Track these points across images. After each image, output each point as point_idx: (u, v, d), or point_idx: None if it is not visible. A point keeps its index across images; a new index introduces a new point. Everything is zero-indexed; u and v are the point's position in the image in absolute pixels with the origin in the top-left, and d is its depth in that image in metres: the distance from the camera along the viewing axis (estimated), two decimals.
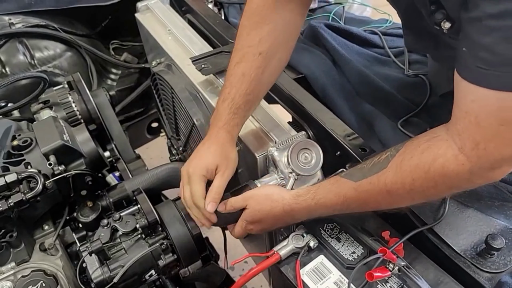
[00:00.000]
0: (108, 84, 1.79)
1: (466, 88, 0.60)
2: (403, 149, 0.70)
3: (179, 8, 1.59)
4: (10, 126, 1.05)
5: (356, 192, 0.74)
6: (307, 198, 0.81)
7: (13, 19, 1.52)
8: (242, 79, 0.90)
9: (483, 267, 0.77)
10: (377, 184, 0.71)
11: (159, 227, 0.97)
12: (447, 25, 0.69)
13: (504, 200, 0.88)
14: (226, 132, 0.90)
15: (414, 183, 0.67)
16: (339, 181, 0.78)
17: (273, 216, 0.85)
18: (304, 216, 0.84)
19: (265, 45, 0.90)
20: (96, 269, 0.89)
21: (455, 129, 0.63)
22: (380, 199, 0.73)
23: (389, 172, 0.70)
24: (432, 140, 0.67)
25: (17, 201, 0.86)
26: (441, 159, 0.64)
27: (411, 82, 1.27)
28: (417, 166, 0.66)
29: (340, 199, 0.77)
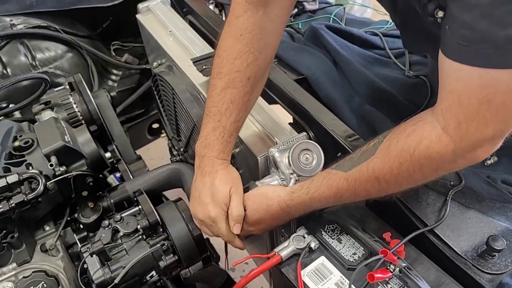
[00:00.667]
0: (109, 85, 1.79)
1: (450, 66, 0.60)
2: (390, 135, 0.71)
3: (180, 9, 1.59)
4: (12, 127, 1.05)
5: (347, 182, 0.75)
6: (301, 194, 0.82)
7: (14, 20, 1.52)
8: (231, 107, 0.89)
9: (484, 268, 0.77)
10: (366, 171, 0.72)
11: (160, 228, 0.97)
12: (440, 13, 0.68)
13: (505, 201, 0.88)
14: (221, 160, 0.90)
15: (401, 167, 0.67)
16: (330, 173, 0.79)
17: (270, 215, 0.86)
18: (300, 211, 0.85)
19: (253, 70, 0.89)
20: (97, 270, 0.90)
21: (439, 109, 0.64)
22: (369, 186, 0.73)
23: (377, 159, 0.71)
24: (417, 123, 0.67)
25: (18, 202, 0.86)
26: (426, 141, 0.64)
27: (411, 83, 1.27)
28: (402, 150, 0.67)
29: (332, 191, 0.77)
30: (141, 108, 1.89)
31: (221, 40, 0.92)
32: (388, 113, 1.19)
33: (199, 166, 0.91)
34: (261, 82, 0.95)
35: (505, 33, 0.53)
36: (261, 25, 0.89)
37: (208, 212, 0.88)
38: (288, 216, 0.87)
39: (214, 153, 0.89)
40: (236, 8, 0.90)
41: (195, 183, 0.92)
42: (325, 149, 0.92)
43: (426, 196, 0.88)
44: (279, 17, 0.92)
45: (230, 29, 0.90)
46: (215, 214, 0.88)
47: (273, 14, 0.89)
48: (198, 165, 0.91)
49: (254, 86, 0.91)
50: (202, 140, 0.91)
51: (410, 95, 1.22)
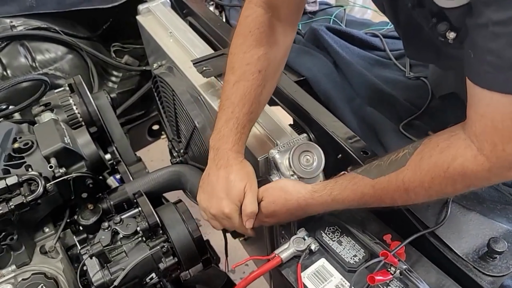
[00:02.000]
0: (109, 87, 1.79)
1: (480, 93, 0.61)
2: (422, 147, 0.70)
3: (180, 10, 1.59)
4: (11, 128, 1.05)
5: (373, 189, 0.75)
6: (323, 194, 0.81)
7: (14, 22, 1.53)
8: (244, 99, 0.90)
9: (485, 270, 0.77)
10: (395, 182, 0.72)
11: (160, 230, 0.97)
12: (452, 35, 0.69)
13: (507, 203, 0.88)
14: (236, 153, 0.89)
15: (433, 181, 0.68)
16: (356, 177, 0.78)
17: (286, 209, 0.85)
18: (319, 211, 0.85)
19: (264, 64, 0.90)
20: (97, 272, 0.89)
21: (472, 131, 0.64)
22: (396, 196, 0.73)
23: (408, 171, 0.70)
24: (450, 139, 0.67)
25: (17, 203, 0.86)
26: (461, 158, 0.64)
27: (412, 85, 1.27)
28: (436, 165, 0.67)
29: (357, 196, 0.77)
30: (141, 109, 1.89)
31: (232, 39, 0.94)
32: (389, 115, 1.19)
33: (214, 159, 0.90)
34: (273, 78, 0.95)
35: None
36: (269, 25, 0.91)
37: (223, 207, 0.88)
38: (304, 214, 0.86)
39: (228, 145, 0.89)
40: (245, 10, 0.93)
41: (208, 177, 0.91)
42: (326, 151, 0.92)
43: None
44: (288, 20, 0.94)
45: (240, 28, 0.93)
46: (230, 210, 0.87)
47: (282, 17, 0.92)
48: (213, 158, 0.91)
49: (266, 80, 0.92)
50: (216, 133, 0.91)
51: (410, 97, 1.21)
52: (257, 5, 0.92)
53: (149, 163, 1.40)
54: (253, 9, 0.92)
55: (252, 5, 0.92)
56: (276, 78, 0.97)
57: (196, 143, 1.18)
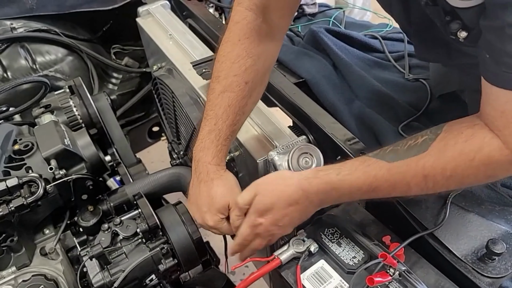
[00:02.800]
0: (109, 88, 1.79)
1: (497, 92, 0.62)
2: (443, 134, 0.68)
3: (180, 12, 1.60)
4: (12, 130, 1.06)
5: (389, 172, 0.71)
6: (329, 173, 0.76)
7: (14, 24, 1.53)
8: (228, 110, 0.88)
9: (484, 272, 0.77)
10: (414, 167, 0.69)
11: (160, 232, 0.97)
12: (463, 34, 0.69)
13: (505, 204, 0.88)
14: (215, 166, 0.88)
15: (456, 169, 0.66)
16: (369, 160, 0.74)
17: (286, 198, 0.78)
18: (322, 196, 0.78)
19: (250, 75, 0.89)
20: (97, 274, 0.89)
21: (495, 126, 0.64)
22: (413, 183, 0.70)
23: (430, 156, 0.68)
24: (475, 127, 0.66)
25: (18, 205, 0.86)
26: (487, 148, 0.64)
27: (411, 87, 1.27)
28: (461, 153, 0.66)
29: (368, 179, 0.72)
30: (141, 111, 1.89)
31: (220, 45, 0.92)
32: (388, 117, 1.19)
33: (195, 171, 0.90)
34: (260, 87, 0.94)
35: None
36: (259, 32, 0.89)
37: (206, 220, 0.88)
38: (306, 202, 0.78)
39: (208, 157, 0.88)
40: (235, 15, 0.91)
41: (192, 188, 0.91)
42: (325, 153, 0.92)
43: (426, 200, 0.88)
44: (278, 26, 0.93)
45: (229, 35, 0.91)
46: (214, 223, 0.87)
47: (272, 22, 0.90)
48: (194, 170, 0.90)
49: (252, 90, 0.90)
50: (198, 143, 0.90)
51: (410, 98, 1.22)
52: (248, 8, 0.89)
53: (149, 164, 1.40)
54: (243, 13, 0.89)
55: (242, 8, 0.90)
56: (262, 87, 0.96)
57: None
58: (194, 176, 0.90)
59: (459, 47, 0.80)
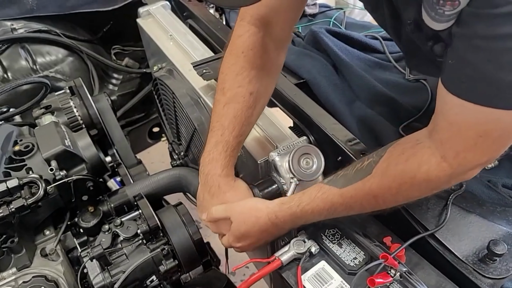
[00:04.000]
0: (110, 89, 1.79)
1: (451, 100, 0.62)
2: (387, 155, 0.73)
3: (180, 13, 1.60)
4: (12, 131, 1.06)
5: (342, 197, 0.77)
6: (292, 205, 0.81)
7: (15, 25, 1.53)
8: (234, 121, 0.89)
9: (485, 273, 0.77)
10: (362, 189, 0.74)
11: (160, 233, 0.97)
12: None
13: (506, 205, 0.88)
14: (226, 178, 0.90)
15: (400, 187, 0.71)
16: (323, 188, 0.79)
17: (259, 227, 0.84)
18: (289, 224, 0.84)
19: (255, 86, 0.90)
20: (97, 275, 0.89)
21: (438, 138, 0.67)
22: (365, 203, 0.76)
23: (374, 179, 0.73)
24: (415, 147, 0.70)
25: (18, 206, 0.86)
26: (426, 166, 0.68)
27: (412, 87, 1.27)
28: (403, 172, 0.70)
29: (327, 205, 0.78)
30: (141, 112, 1.89)
31: (224, 57, 0.94)
32: (389, 117, 1.19)
33: (205, 184, 0.91)
34: (265, 97, 0.95)
35: (510, 78, 0.56)
36: (262, 44, 0.90)
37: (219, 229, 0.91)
38: (276, 229, 0.85)
39: (218, 170, 0.89)
40: (237, 29, 0.92)
41: (203, 201, 0.92)
42: (326, 154, 0.92)
43: (427, 201, 0.88)
44: (281, 38, 0.94)
45: (232, 47, 0.92)
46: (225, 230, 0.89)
47: (275, 36, 0.91)
48: (204, 183, 0.91)
49: (257, 101, 0.91)
50: (206, 155, 0.91)
51: (410, 99, 1.22)
52: (250, 23, 0.90)
53: (150, 165, 1.40)
54: (245, 27, 0.90)
55: (244, 23, 0.91)
56: (267, 98, 0.97)
57: (196, 145, 1.18)
58: (205, 190, 0.91)
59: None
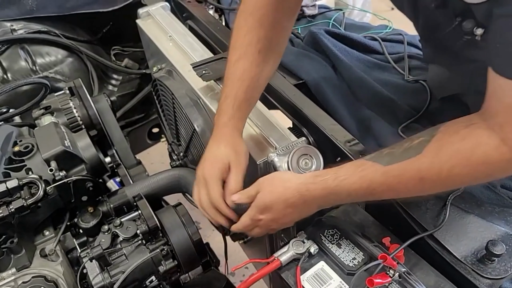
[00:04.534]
0: (109, 90, 1.80)
1: (506, 84, 0.60)
2: (440, 135, 0.68)
3: (180, 14, 1.60)
4: (12, 132, 1.06)
5: (385, 176, 0.70)
6: (327, 178, 0.76)
7: (15, 25, 1.53)
8: (242, 77, 0.91)
9: (483, 273, 0.77)
10: (410, 169, 0.68)
11: (160, 233, 0.97)
12: (480, 31, 0.68)
13: (505, 206, 0.88)
14: (232, 127, 0.91)
15: (452, 169, 0.65)
16: (365, 164, 0.73)
17: (284, 199, 0.79)
18: (319, 201, 0.79)
19: (264, 44, 0.92)
20: (97, 275, 0.90)
21: (496, 122, 0.63)
22: (410, 185, 0.70)
23: (425, 158, 0.67)
24: (470, 127, 0.65)
25: (18, 207, 0.86)
26: (484, 147, 0.63)
27: (411, 88, 1.27)
28: (457, 152, 0.65)
29: (365, 183, 0.72)
30: (141, 112, 1.89)
31: (236, 16, 0.96)
32: (388, 118, 1.19)
33: (213, 135, 0.92)
34: (275, 57, 0.96)
35: None
36: (272, 3, 0.91)
37: (203, 170, 0.89)
38: (304, 205, 0.80)
39: (224, 119, 0.91)
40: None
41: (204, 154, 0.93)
42: (325, 154, 0.92)
43: (426, 201, 0.88)
44: (290, 5, 0.95)
45: (243, 7, 0.94)
46: (209, 174, 0.87)
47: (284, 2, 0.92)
48: (213, 135, 0.92)
49: (266, 59, 0.93)
50: (217, 110, 0.93)
51: (409, 100, 1.22)
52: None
53: (149, 165, 1.40)
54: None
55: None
56: (276, 60, 0.98)
57: (196, 146, 1.19)
58: (210, 140, 0.93)
59: (469, 52, 0.79)
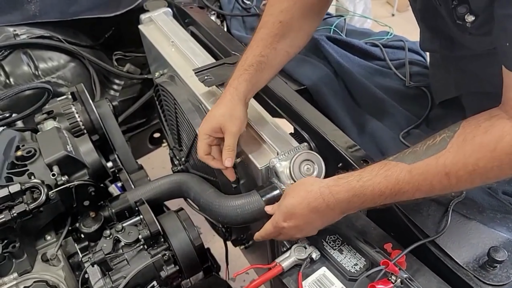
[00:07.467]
0: (111, 95, 1.80)
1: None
2: (462, 130, 0.68)
3: (182, 20, 1.61)
4: (14, 136, 1.06)
5: (410, 174, 0.70)
6: (350, 180, 0.75)
7: (17, 30, 1.54)
8: (259, 43, 0.96)
9: (485, 279, 0.77)
10: (435, 165, 0.68)
11: (161, 238, 0.97)
12: (471, 18, 0.69)
13: (507, 212, 0.88)
14: (233, 89, 0.94)
15: (478, 163, 0.65)
16: (388, 164, 0.73)
17: (307, 203, 0.79)
18: (343, 204, 0.77)
19: (285, 16, 0.96)
20: (98, 280, 0.90)
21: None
22: (436, 182, 0.69)
23: (449, 153, 0.67)
24: (492, 119, 0.65)
25: (20, 211, 0.86)
26: (508, 137, 0.62)
27: (412, 94, 1.28)
28: (481, 145, 0.64)
29: (390, 183, 0.71)
30: (142, 117, 1.89)
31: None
32: (389, 124, 1.20)
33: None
34: (296, 32, 0.99)
35: None
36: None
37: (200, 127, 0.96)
38: (327, 210, 0.78)
39: (230, 80, 0.96)
40: None
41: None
42: (326, 160, 0.92)
43: (427, 207, 0.88)
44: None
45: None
46: (200, 129, 0.95)
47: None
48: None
49: (286, 31, 0.96)
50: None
51: (410, 106, 1.22)
52: None
53: (150, 170, 1.40)
54: None
55: None
56: (299, 33, 1.00)
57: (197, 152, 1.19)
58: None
59: (464, 38, 0.80)
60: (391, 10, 4.17)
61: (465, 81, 1.01)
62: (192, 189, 1.11)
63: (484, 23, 0.67)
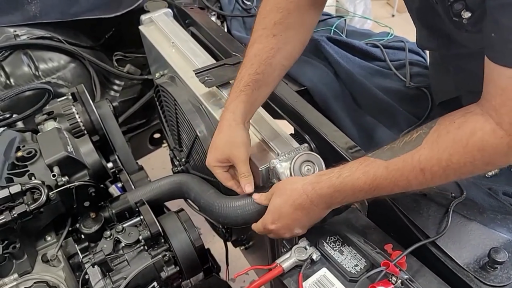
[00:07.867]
0: (111, 95, 1.80)
1: (501, 70, 0.61)
2: (437, 126, 0.69)
3: (182, 21, 1.61)
4: (15, 137, 1.06)
5: (387, 170, 0.72)
6: (331, 177, 0.78)
7: (18, 31, 1.54)
8: (253, 60, 0.93)
9: (486, 280, 0.77)
10: (410, 161, 0.70)
11: (162, 239, 0.97)
12: (467, 14, 0.69)
13: (507, 213, 0.88)
14: (230, 113, 0.92)
15: (451, 158, 0.66)
16: (367, 160, 0.75)
17: (292, 202, 0.82)
18: (326, 199, 0.80)
19: (279, 28, 0.93)
20: (99, 281, 0.90)
21: (491, 105, 0.63)
22: (411, 177, 0.71)
23: (424, 149, 0.68)
24: (466, 115, 0.66)
25: (20, 212, 0.86)
26: (480, 132, 0.63)
27: (412, 95, 1.28)
28: (454, 141, 0.66)
29: (369, 179, 0.74)
30: (142, 118, 1.89)
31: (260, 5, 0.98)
32: (389, 125, 1.20)
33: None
34: (292, 44, 0.96)
35: None
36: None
37: (207, 157, 0.95)
38: (311, 206, 0.81)
39: (227, 104, 0.93)
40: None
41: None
42: (327, 161, 0.92)
43: (428, 208, 0.88)
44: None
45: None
46: (208, 164, 0.94)
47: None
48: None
49: (281, 44, 0.93)
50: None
51: (411, 107, 1.22)
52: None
53: (150, 171, 1.40)
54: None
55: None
56: (296, 45, 0.97)
57: (198, 152, 1.19)
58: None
59: (460, 35, 0.80)
60: (391, 11, 4.17)
61: (464, 81, 1.01)
62: (192, 190, 1.11)
63: (479, 19, 0.67)
